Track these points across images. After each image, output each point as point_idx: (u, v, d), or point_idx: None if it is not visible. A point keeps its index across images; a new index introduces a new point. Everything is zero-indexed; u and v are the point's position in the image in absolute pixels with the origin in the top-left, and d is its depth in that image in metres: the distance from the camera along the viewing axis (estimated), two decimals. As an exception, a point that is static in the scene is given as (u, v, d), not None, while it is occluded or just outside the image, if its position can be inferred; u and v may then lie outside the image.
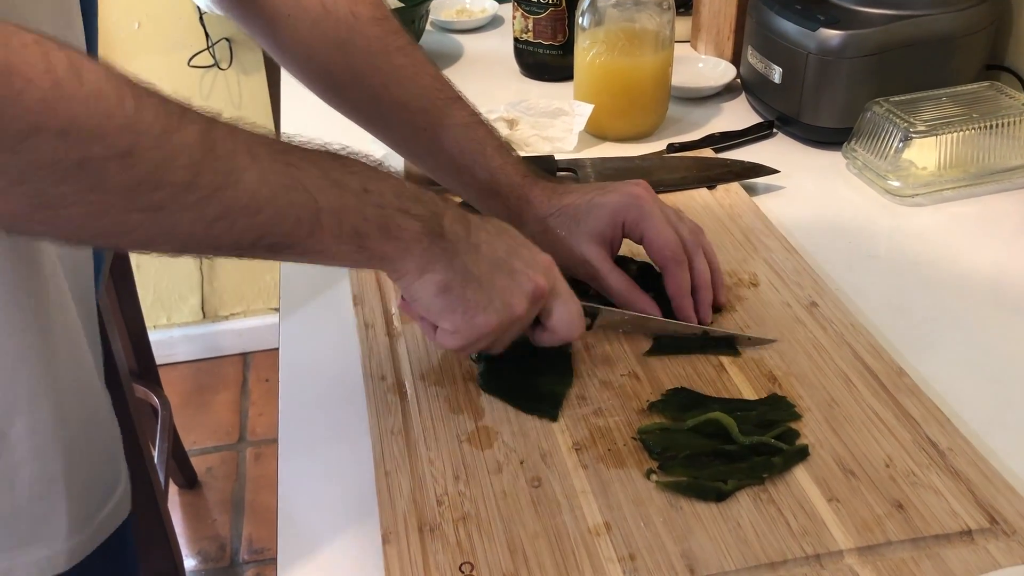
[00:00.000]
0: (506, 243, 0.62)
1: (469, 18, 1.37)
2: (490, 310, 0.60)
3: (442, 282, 0.59)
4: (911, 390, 0.67)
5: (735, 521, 0.58)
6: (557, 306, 0.64)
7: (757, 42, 1.06)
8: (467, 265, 0.59)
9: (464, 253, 0.59)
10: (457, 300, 0.59)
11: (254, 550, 1.78)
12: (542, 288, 0.62)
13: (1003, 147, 0.94)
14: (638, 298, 0.73)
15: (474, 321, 0.60)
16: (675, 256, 0.72)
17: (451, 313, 0.60)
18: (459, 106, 0.76)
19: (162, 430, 1.66)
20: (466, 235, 0.60)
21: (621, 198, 0.72)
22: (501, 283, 0.60)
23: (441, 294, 0.59)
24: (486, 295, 0.60)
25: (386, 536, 0.57)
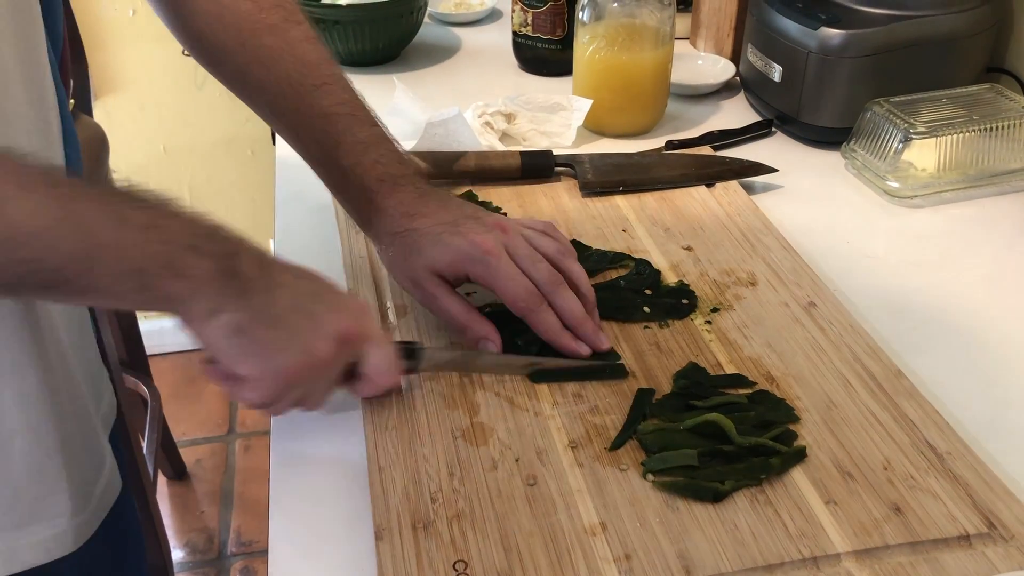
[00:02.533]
0: (310, 286, 0.58)
1: (467, 11, 1.36)
2: (290, 351, 0.56)
3: (234, 322, 0.54)
4: (909, 392, 0.67)
5: (732, 522, 0.57)
6: (372, 352, 0.60)
7: (757, 40, 1.05)
8: (262, 305, 0.55)
9: (259, 293, 0.55)
10: (253, 342, 0.55)
11: (242, 542, 1.77)
12: (349, 331, 0.58)
13: (1002, 150, 0.94)
14: (473, 323, 0.69)
15: (273, 363, 0.55)
16: (529, 306, 0.67)
17: (247, 356, 0.55)
18: (324, 93, 0.72)
19: (151, 421, 1.65)
20: (264, 275, 0.55)
21: (468, 248, 0.67)
22: (301, 324, 0.56)
23: (234, 335, 0.54)
24: (286, 335, 0.56)
25: (379, 533, 0.57)
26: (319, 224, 0.89)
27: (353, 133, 0.72)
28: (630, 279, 0.79)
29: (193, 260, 0.52)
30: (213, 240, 0.54)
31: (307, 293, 0.58)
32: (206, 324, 0.54)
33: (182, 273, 0.52)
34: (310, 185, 0.80)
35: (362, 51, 1.20)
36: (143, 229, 0.51)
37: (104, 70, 1.89)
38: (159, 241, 0.51)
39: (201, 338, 0.55)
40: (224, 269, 0.53)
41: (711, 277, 0.79)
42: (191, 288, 0.52)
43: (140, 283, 0.51)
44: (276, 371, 0.56)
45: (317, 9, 1.18)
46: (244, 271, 0.54)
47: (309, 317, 0.57)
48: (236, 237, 0.56)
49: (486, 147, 0.99)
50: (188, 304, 0.53)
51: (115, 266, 0.50)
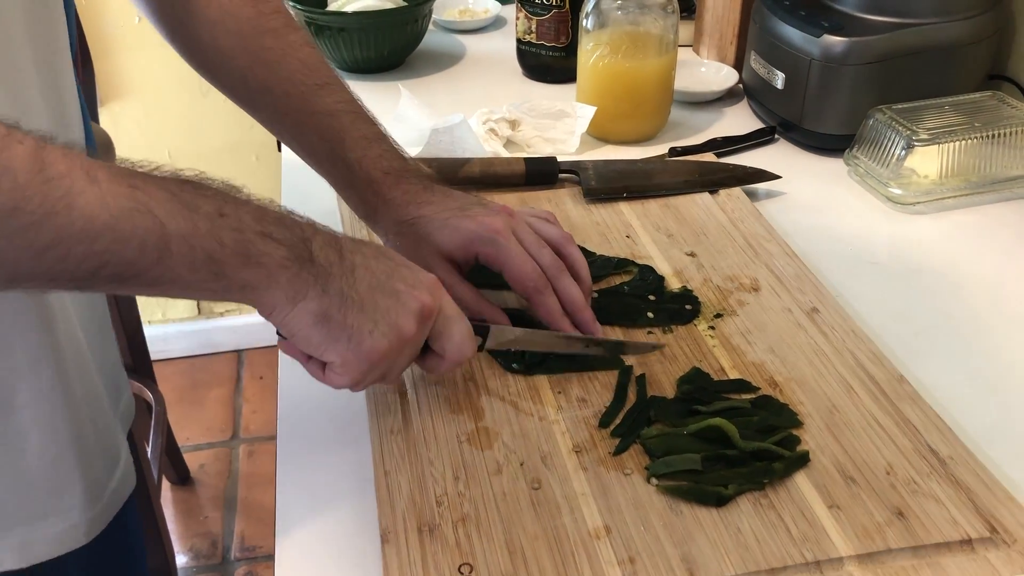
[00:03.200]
0: (385, 265, 0.58)
1: (472, 18, 1.37)
2: (377, 334, 0.56)
3: (318, 310, 0.54)
4: (912, 397, 0.67)
5: (735, 526, 0.57)
6: (447, 327, 0.61)
7: (760, 47, 1.06)
8: (344, 289, 0.55)
9: (339, 277, 0.55)
10: (338, 328, 0.55)
11: (246, 548, 1.77)
12: (429, 307, 0.58)
13: (1004, 157, 0.94)
14: (484, 309, 0.70)
15: (362, 348, 0.55)
16: (535, 287, 0.69)
17: (335, 343, 0.55)
18: (327, 92, 0.73)
19: (156, 426, 1.66)
20: (339, 259, 0.55)
21: (478, 228, 0.69)
22: (385, 304, 0.56)
23: (320, 324, 0.54)
24: (370, 318, 0.55)
25: (385, 536, 0.57)
26: (325, 230, 0.89)
27: (357, 129, 0.73)
28: (634, 285, 0.79)
29: (266, 247, 0.52)
30: (284, 226, 0.53)
31: (384, 272, 0.58)
32: (288, 312, 0.54)
33: (256, 260, 0.51)
34: (315, 191, 0.81)
35: (367, 58, 1.21)
36: (213, 217, 0.50)
37: (110, 77, 1.90)
38: (230, 228, 0.51)
39: (284, 327, 0.55)
40: (299, 255, 0.53)
41: (714, 283, 0.80)
42: (267, 275, 0.52)
43: (214, 272, 0.50)
44: (365, 355, 0.56)
45: (322, 16, 1.19)
46: (319, 256, 0.54)
47: (391, 296, 0.57)
48: (307, 222, 0.56)
49: (491, 154, 0.99)
50: (265, 292, 0.53)
51: (188, 255, 0.49)
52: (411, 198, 0.72)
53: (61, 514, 0.63)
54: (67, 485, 0.63)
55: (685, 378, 0.69)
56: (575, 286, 0.71)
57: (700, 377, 0.69)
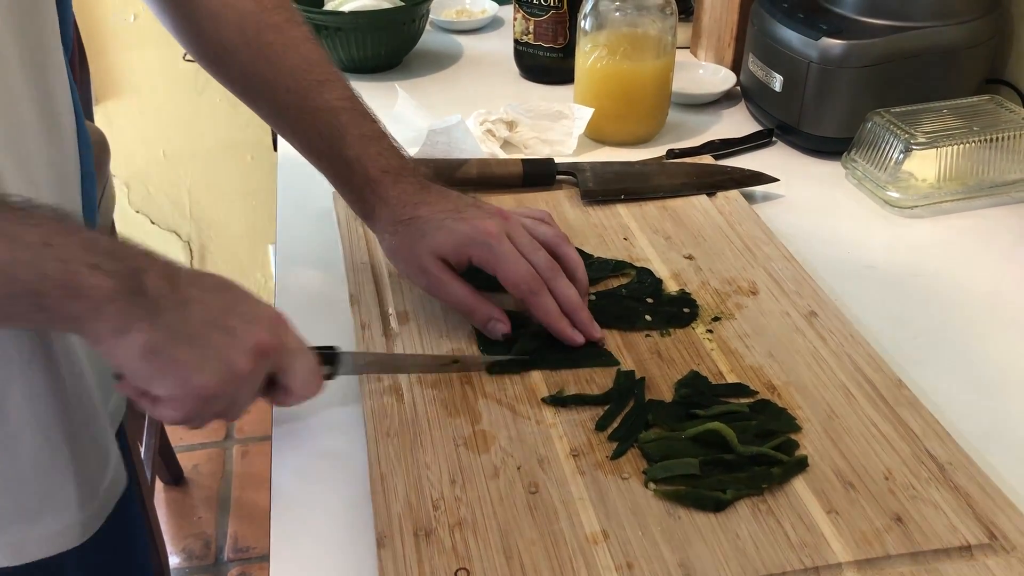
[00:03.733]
0: (223, 299, 0.56)
1: (469, 19, 1.36)
2: (207, 370, 0.54)
3: (146, 343, 0.52)
4: (910, 403, 0.67)
5: (734, 532, 0.57)
6: (291, 362, 0.59)
7: (758, 50, 1.06)
8: (174, 323, 0.52)
9: (170, 310, 0.52)
10: (167, 362, 0.53)
11: (239, 548, 1.76)
12: (265, 343, 0.56)
13: (1002, 161, 0.94)
14: (481, 306, 0.71)
15: (190, 383, 0.53)
16: (531, 289, 0.69)
17: (163, 377, 0.53)
18: (328, 89, 0.73)
19: (149, 426, 1.65)
20: (172, 291, 0.53)
21: (471, 231, 0.69)
22: (217, 340, 0.54)
23: (147, 357, 0.52)
24: (200, 353, 0.53)
25: (381, 540, 0.56)
26: (321, 230, 0.89)
27: (357, 126, 0.73)
28: (632, 288, 0.79)
29: (93, 278, 0.49)
30: (115, 257, 0.51)
31: (221, 306, 0.56)
32: (115, 344, 0.52)
33: (81, 292, 0.49)
34: (312, 191, 0.81)
35: (364, 58, 1.20)
36: (37, 247, 0.48)
37: (105, 75, 1.89)
38: (54, 259, 0.49)
39: (111, 358, 0.53)
40: (128, 287, 0.51)
41: (712, 286, 0.79)
42: (92, 307, 0.50)
43: (35, 304, 0.49)
44: (194, 390, 0.54)
45: (320, 16, 1.18)
46: (151, 288, 0.52)
47: (225, 332, 0.55)
48: (143, 251, 0.54)
49: (488, 155, 0.99)
50: (91, 324, 0.51)
51: (6, 287, 0.48)
52: (408, 198, 0.72)
53: (55, 513, 0.63)
54: (60, 484, 0.63)
55: (683, 382, 0.68)
56: (571, 287, 0.71)
57: (698, 381, 0.69)
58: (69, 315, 0.50)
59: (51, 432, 0.62)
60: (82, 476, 0.64)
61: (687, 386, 0.68)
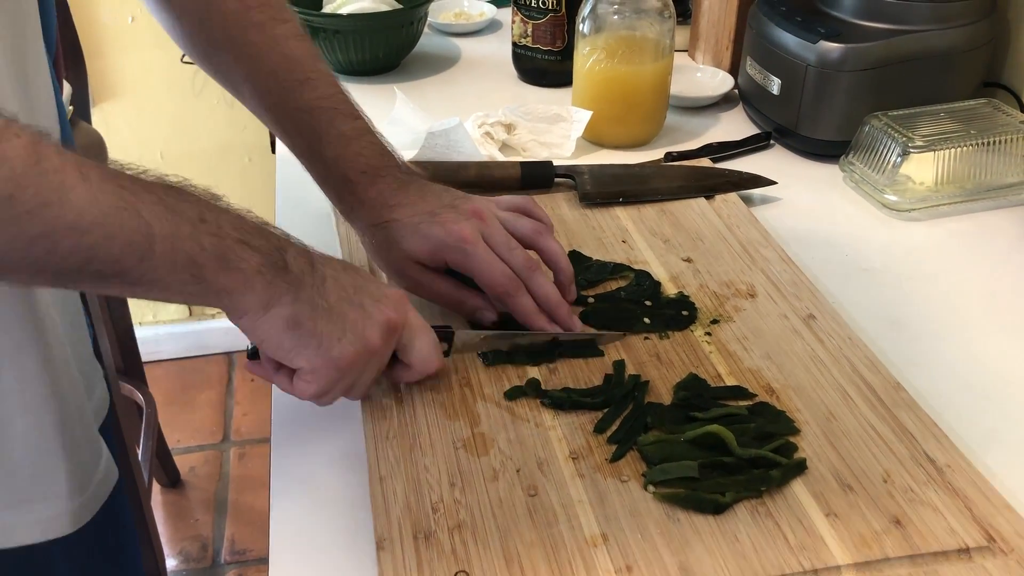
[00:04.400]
0: (352, 279, 0.60)
1: (467, 21, 1.36)
2: (345, 342, 0.58)
3: (290, 316, 0.56)
4: (909, 405, 0.67)
5: (733, 534, 0.57)
6: (413, 340, 0.63)
7: (756, 53, 1.06)
8: (314, 298, 0.57)
9: (310, 287, 0.57)
10: (309, 334, 0.57)
11: (236, 551, 1.76)
12: (395, 320, 0.60)
13: (999, 164, 0.94)
14: (466, 298, 0.72)
15: (331, 354, 0.57)
16: (507, 290, 0.70)
17: (304, 349, 0.57)
18: (308, 88, 0.73)
19: (146, 428, 1.65)
20: (311, 270, 0.57)
21: (445, 237, 0.70)
22: (353, 316, 0.58)
23: (290, 329, 0.56)
24: (339, 327, 0.57)
25: (380, 543, 0.57)
26: (319, 233, 0.89)
27: (335, 126, 0.73)
28: (630, 290, 0.79)
29: (244, 253, 0.53)
30: (261, 235, 0.55)
31: (353, 285, 0.60)
32: (260, 318, 0.55)
33: (234, 265, 0.53)
34: (310, 193, 0.80)
35: (362, 61, 1.20)
36: (195, 222, 0.52)
37: (103, 76, 1.89)
38: (210, 234, 0.52)
39: (255, 332, 0.56)
40: (274, 263, 0.55)
41: (711, 289, 0.80)
42: (243, 281, 0.54)
43: (194, 275, 0.52)
44: (333, 361, 0.58)
45: (317, 18, 1.18)
46: (293, 265, 0.56)
47: (358, 308, 0.59)
48: (282, 233, 0.58)
49: (486, 157, 0.99)
50: (240, 297, 0.54)
51: (170, 257, 0.51)
52: (384, 200, 0.73)
53: (45, 501, 0.64)
54: (51, 472, 0.63)
55: (682, 384, 0.68)
56: (548, 284, 0.72)
57: (697, 383, 0.69)
58: (222, 287, 0.53)
59: (43, 419, 0.62)
60: (74, 465, 0.65)
61: (686, 389, 0.68)
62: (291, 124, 0.74)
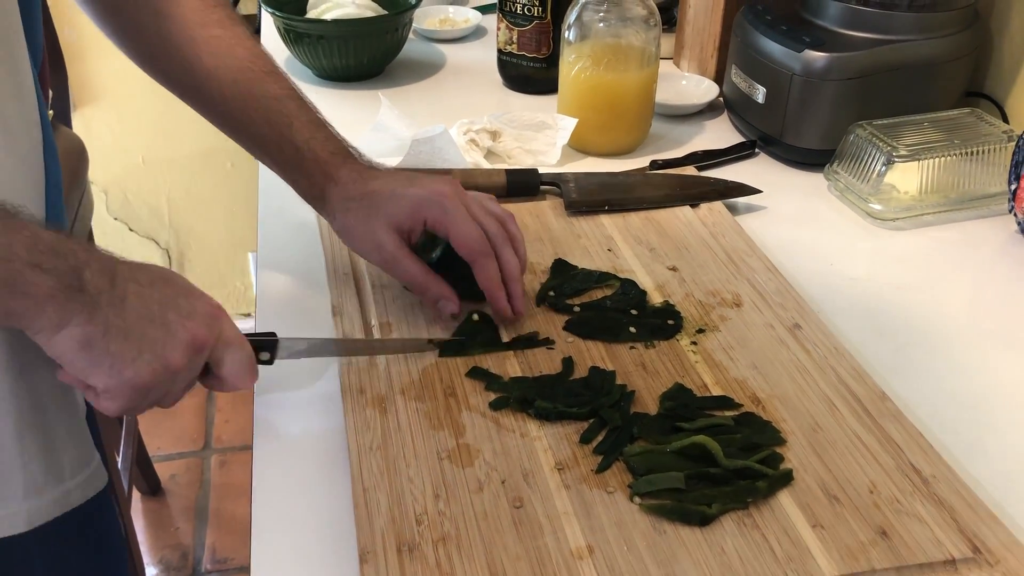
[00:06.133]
0: (161, 293, 0.58)
1: (452, 28, 1.36)
2: (140, 363, 0.56)
3: (82, 337, 0.54)
4: (894, 415, 0.67)
5: (719, 546, 0.57)
6: (226, 355, 0.61)
7: (741, 61, 1.06)
8: (110, 317, 0.55)
9: (106, 306, 0.55)
10: (101, 355, 0.55)
11: (217, 559, 1.75)
12: (200, 339, 0.58)
13: (983, 174, 0.95)
14: (433, 283, 0.73)
15: (123, 376, 0.56)
16: (481, 250, 0.72)
17: (97, 369, 0.55)
18: (273, 79, 0.76)
19: (126, 435, 1.63)
20: (110, 287, 0.55)
21: (424, 193, 0.72)
22: (153, 335, 0.56)
23: (82, 350, 0.55)
24: (134, 347, 0.56)
25: (363, 555, 0.56)
26: (302, 238, 0.88)
27: (305, 113, 0.76)
28: (616, 299, 0.78)
29: (35, 277, 0.52)
30: (57, 255, 0.53)
31: (159, 301, 0.57)
32: (53, 337, 0.54)
33: (23, 291, 0.52)
34: (293, 198, 0.80)
35: (347, 66, 1.20)
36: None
37: (83, 81, 1.87)
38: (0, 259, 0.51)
39: (50, 350, 0.55)
40: (67, 285, 0.53)
41: (696, 298, 0.79)
42: (33, 305, 0.52)
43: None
44: (128, 382, 0.56)
45: (302, 24, 1.18)
46: (90, 285, 0.54)
47: (161, 326, 0.57)
48: (84, 247, 0.56)
49: (471, 164, 0.99)
50: (31, 320, 0.53)
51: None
52: (358, 175, 0.75)
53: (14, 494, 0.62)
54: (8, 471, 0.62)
55: (668, 394, 0.68)
56: (516, 259, 0.74)
57: (683, 393, 0.68)
58: (11, 311, 0.52)
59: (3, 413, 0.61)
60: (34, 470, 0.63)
61: (672, 399, 0.68)
62: (259, 113, 0.76)
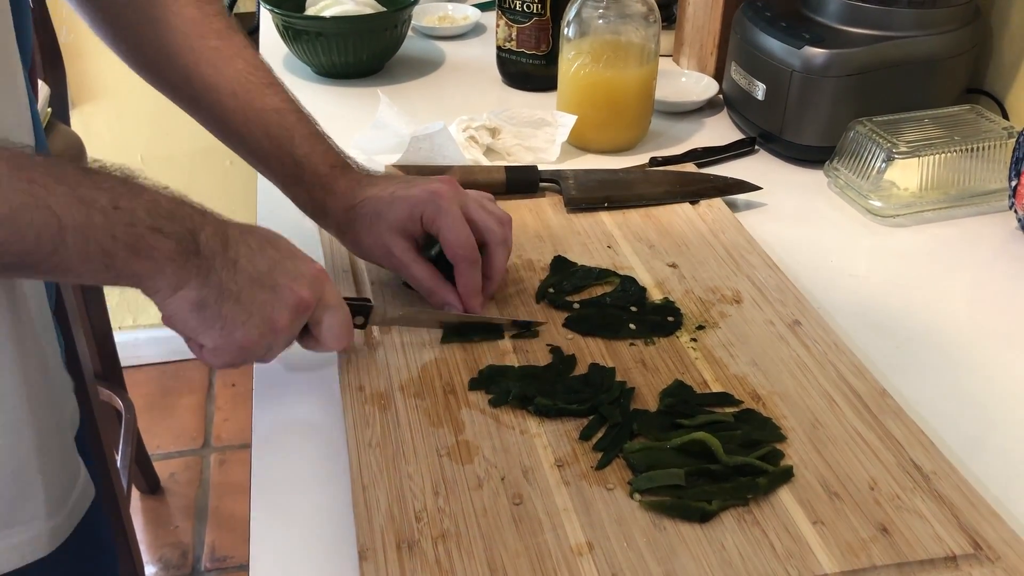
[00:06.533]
0: (269, 256, 0.61)
1: (451, 25, 1.36)
2: (249, 325, 0.59)
3: (196, 299, 0.57)
4: (895, 412, 0.67)
5: (719, 543, 0.57)
6: (326, 317, 0.64)
7: (741, 58, 1.06)
8: (223, 281, 0.58)
9: (220, 269, 0.58)
10: (213, 317, 0.58)
11: (216, 558, 1.75)
12: (306, 300, 0.61)
13: (982, 170, 0.95)
14: (440, 288, 0.74)
15: (233, 337, 0.59)
16: (466, 256, 0.72)
17: (208, 330, 0.58)
18: (273, 91, 0.76)
19: (126, 434, 1.63)
20: (223, 250, 0.58)
21: (421, 193, 0.73)
22: (261, 297, 0.59)
23: (196, 311, 0.57)
24: (245, 310, 0.59)
25: (363, 553, 0.56)
26: (301, 237, 0.87)
27: (304, 126, 0.77)
28: (616, 296, 0.78)
29: (155, 241, 0.54)
30: (175, 219, 0.56)
31: (267, 264, 0.60)
32: (169, 299, 0.57)
33: (145, 254, 0.54)
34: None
35: (346, 64, 1.19)
36: (108, 211, 0.52)
37: (82, 78, 1.87)
38: (123, 223, 0.53)
39: (164, 309, 0.58)
40: (185, 248, 0.56)
41: (696, 294, 0.79)
42: (154, 267, 0.55)
43: (105, 264, 0.53)
44: (235, 342, 0.59)
45: (300, 21, 1.17)
46: (205, 248, 0.57)
47: (268, 289, 0.60)
48: (199, 211, 0.58)
49: (471, 162, 0.98)
50: (150, 281, 0.56)
51: (82, 248, 0.51)
52: (356, 185, 0.76)
53: (22, 524, 0.62)
54: (30, 493, 0.62)
55: (668, 391, 0.68)
56: (505, 261, 0.76)
57: (683, 390, 0.68)
58: (133, 273, 0.55)
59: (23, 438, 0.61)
60: (52, 485, 0.64)
61: (672, 395, 0.68)
62: (258, 125, 0.76)
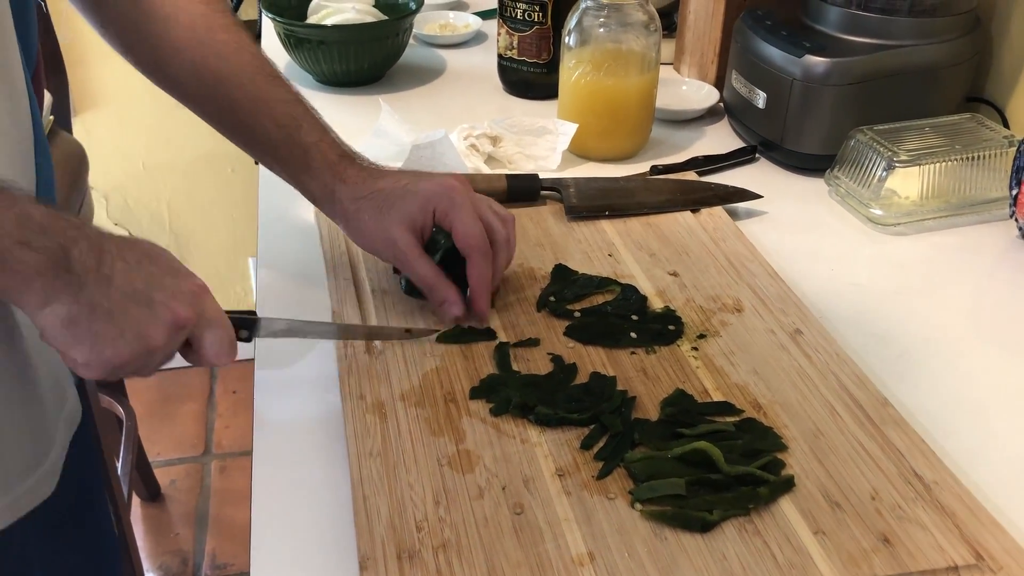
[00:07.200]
0: (147, 272, 0.59)
1: (452, 33, 1.36)
2: (120, 343, 0.57)
3: (67, 315, 0.56)
4: (896, 421, 0.67)
5: (720, 553, 0.57)
6: (207, 333, 0.62)
7: (741, 67, 1.06)
8: (95, 298, 0.56)
9: (93, 285, 0.56)
10: (84, 333, 0.56)
11: (217, 565, 1.74)
12: (182, 318, 0.59)
13: (983, 179, 0.95)
14: (441, 286, 0.74)
15: (103, 355, 0.57)
16: (479, 247, 0.73)
17: (79, 346, 0.57)
18: (279, 83, 0.78)
19: (126, 441, 1.63)
20: (97, 266, 0.56)
21: (434, 187, 0.74)
22: (136, 314, 0.57)
23: (66, 327, 0.56)
24: (117, 327, 0.57)
25: (363, 562, 0.56)
26: (303, 244, 0.88)
27: (312, 116, 0.78)
28: (617, 304, 0.78)
29: (22, 255, 0.53)
30: (46, 234, 0.54)
31: (144, 279, 0.58)
32: (39, 313, 0.56)
33: (11, 268, 0.53)
34: (294, 204, 0.80)
35: (347, 72, 1.20)
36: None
37: (84, 86, 1.87)
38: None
39: (35, 322, 0.57)
40: (55, 263, 0.54)
41: (697, 303, 0.79)
42: (21, 281, 0.54)
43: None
44: (105, 359, 0.58)
45: (302, 29, 1.18)
46: (77, 264, 0.55)
47: (145, 306, 0.58)
48: (75, 225, 0.56)
49: (472, 170, 0.98)
50: (18, 295, 0.55)
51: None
52: (367, 175, 0.76)
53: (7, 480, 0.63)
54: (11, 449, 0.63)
55: (669, 400, 0.68)
56: (505, 260, 0.76)
57: (684, 399, 0.68)
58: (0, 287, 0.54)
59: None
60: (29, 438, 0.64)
61: (673, 404, 0.68)
62: (267, 115, 0.77)
